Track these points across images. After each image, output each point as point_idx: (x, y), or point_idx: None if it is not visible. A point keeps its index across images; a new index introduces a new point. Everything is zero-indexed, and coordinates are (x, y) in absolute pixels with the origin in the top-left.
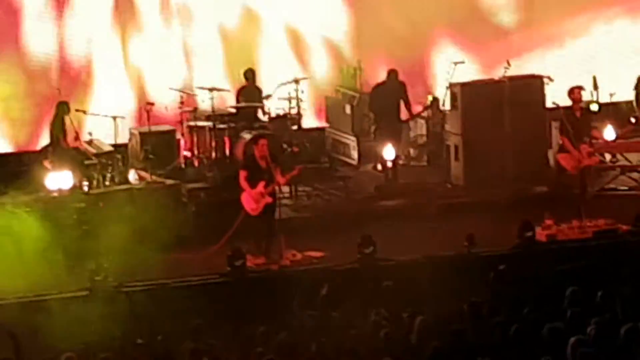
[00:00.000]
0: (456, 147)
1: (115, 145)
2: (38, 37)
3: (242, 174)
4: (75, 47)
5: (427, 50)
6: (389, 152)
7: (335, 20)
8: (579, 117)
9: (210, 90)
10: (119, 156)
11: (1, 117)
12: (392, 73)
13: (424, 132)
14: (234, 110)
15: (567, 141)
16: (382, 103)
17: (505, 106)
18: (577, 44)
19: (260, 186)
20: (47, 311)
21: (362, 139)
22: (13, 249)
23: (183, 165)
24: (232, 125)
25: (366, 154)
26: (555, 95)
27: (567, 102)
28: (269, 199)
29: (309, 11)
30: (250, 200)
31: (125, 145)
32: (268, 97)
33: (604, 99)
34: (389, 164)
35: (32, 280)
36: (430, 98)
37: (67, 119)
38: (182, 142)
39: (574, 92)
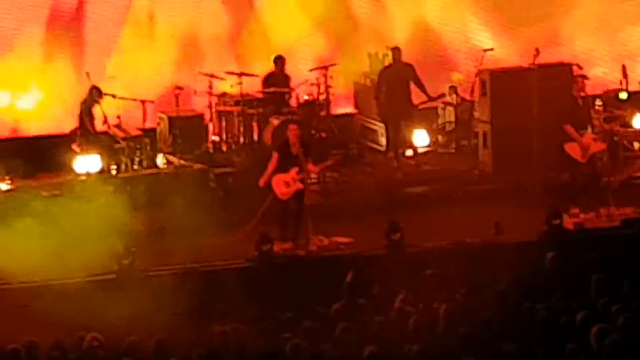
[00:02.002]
0: (485, 135)
1: (143, 130)
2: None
3: (275, 156)
4: (105, 30)
5: (455, 37)
6: (419, 137)
7: (363, 5)
8: (581, 105)
9: (239, 75)
10: (147, 140)
11: (29, 101)
12: (395, 52)
13: (453, 119)
14: (261, 95)
15: (571, 129)
16: (389, 86)
17: (534, 94)
18: (607, 31)
19: (293, 172)
20: (75, 293)
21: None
22: (51, 233)
23: (211, 150)
24: (261, 110)
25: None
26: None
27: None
28: (300, 185)
29: None
30: (282, 184)
31: (153, 130)
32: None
33: (634, 87)
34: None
35: (60, 262)
36: (458, 76)
37: (93, 104)
38: (210, 127)
39: (578, 81)
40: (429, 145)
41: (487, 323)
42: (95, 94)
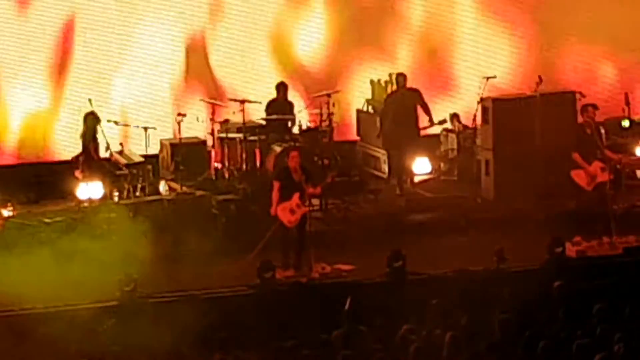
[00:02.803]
0: (487, 162)
1: (146, 156)
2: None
3: (275, 185)
4: (107, 55)
5: (456, 64)
6: (421, 165)
7: (366, 32)
8: (589, 133)
9: (242, 102)
10: (149, 167)
11: (33, 127)
12: (399, 78)
13: (455, 146)
14: (264, 123)
15: (579, 157)
16: (395, 113)
17: (536, 121)
18: (609, 60)
19: (296, 198)
20: (77, 320)
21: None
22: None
23: (213, 177)
24: (263, 137)
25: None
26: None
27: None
28: (304, 209)
29: (340, 24)
30: (287, 212)
31: (156, 156)
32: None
33: (637, 115)
34: (418, 179)
35: (61, 289)
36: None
37: (98, 129)
38: (212, 154)
39: (588, 110)
40: (431, 173)
41: (489, 351)
42: (94, 120)
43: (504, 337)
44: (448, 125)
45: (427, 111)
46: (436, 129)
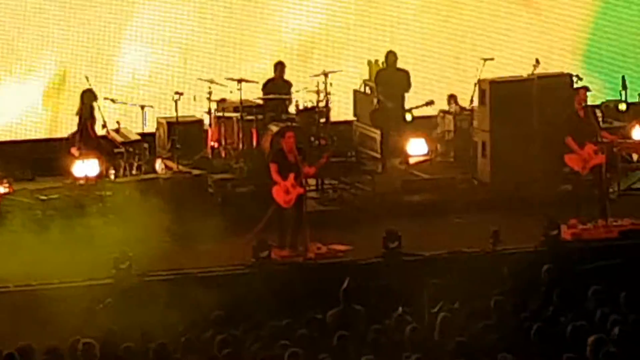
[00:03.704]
0: (483, 144)
1: (142, 134)
2: (70, 24)
3: (273, 167)
4: (104, 35)
5: (454, 46)
6: (415, 146)
7: (363, 12)
8: (582, 117)
9: (239, 81)
10: (146, 145)
11: (28, 103)
12: (389, 55)
13: (452, 128)
14: (261, 102)
15: (571, 141)
16: (383, 90)
17: (533, 104)
18: (607, 42)
19: (291, 178)
20: (70, 298)
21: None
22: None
23: (210, 156)
24: (260, 117)
25: (393, 149)
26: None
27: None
28: (300, 189)
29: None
30: (283, 192)
31: (152, 135)
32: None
33: (633, 98)
34: (414, 160)
35: (56, 267)
36: None
37: (95, 107)
38: (209, 133)
39: (579, 92)
40: (427, 154)
41: (483, 333)
42: (90, 97)
43: (499, 318)
44: (437, 106)
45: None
46: (432, 111)
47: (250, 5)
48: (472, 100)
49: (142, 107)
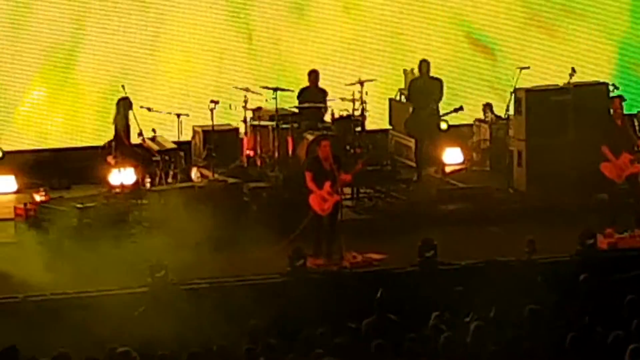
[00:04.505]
0: (519, 153)
1: (178, 143)
2: (105, 33)
3: (308, 176)
4: (140, 43)
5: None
6: (450, 155)
7: (398, 20)
8: (619, 125)
9: (274, 90)
10: (181, 154)
11: (64, 112)
12: (423, 64)
13: (487, 136)
14: (297, 110)
15: (607, 150)
16: (417, 99)
17: (569, 113)
18: None
19: (327, 186)
20: (107, 306)
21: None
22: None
23: (245, 164)
24: (295, 125)
25: (428, 157)
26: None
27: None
28: (336, 197)
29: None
30: (319, 200)
31: (188, 143)
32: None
33: None
34: (449, 169)
35: (92, 274)
36: None
37: (130, 115)
38: (245, 141)
39: (615, 102)
40: (463, 163)
41: (518, 341)
42: (126, 106)
43: (534, 327)
44: (473, 115)
45: (438, 101)
46: (468, 119)
47: (286, 13)
48: (507, 109)
49: (178, 115)
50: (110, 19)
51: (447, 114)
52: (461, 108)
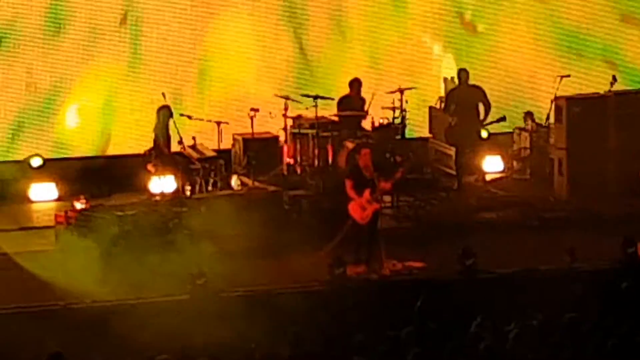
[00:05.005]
0: (560, 161)
1: (218, 151)
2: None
3: (348, 184)
4: (180, 52)
5: (531, 63)
6: (491, 163)
7: (438, 28)
8: None
9: (315, 98)
10: (221, 161)
11: (105, 120)
12: (462, 73)
13: (528, 145)
14: (336, 119)
15: None
16: (457, 108)
17: (610, 121)
18: None
19: (367, 194)
20: (147, 314)
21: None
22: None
23: (285, 172)
24: (336, 133)
25: (468, 166)
26: None
27: None
28: (376, 205)
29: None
30: (359, 208)
31: (228, 151)
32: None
33: None
34: (490, 177)
35: (134, 283)
36: None
37: (170, 123)
38: (285, 149)
39: None
40: (503, 171)
41: (559, 349)
42: (166, 114)
43: (574, 336)
44: (514, 123)
45: (487, 109)
46: (508, 128)
47: (326, 22)
48: (548, 117)
49: (218, 123)
50: (151, 27)
51: (490, 123)
52: (504, 118)
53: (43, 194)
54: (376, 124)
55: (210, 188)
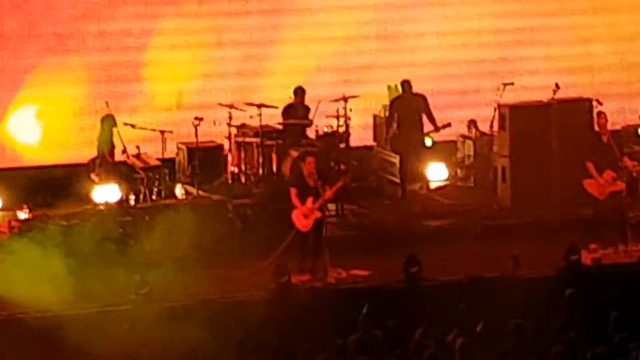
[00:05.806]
0: (503, 169)
1: (162, 160)
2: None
3: (293, 192)
4: (124, 57)
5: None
6: (435, 171)
7: (383, 37)
8: (605, 142)
9: (259, 106)
10: (166, 170)
11: (48, 129)
12: (404, 84)
13: (472, 153)
14: (281, 127)
15: (591, 167)
16: (400, 118)
17: (553, 129)
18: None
19: (309, 202)
20: (92, 324)
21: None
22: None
23: (230, 181)
24: (280, 142)
25: (412, 173)
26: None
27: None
28: (318, 214)
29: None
30: (301, 217)
31: (172, 160)
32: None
33: None
34: (434, 185)
35: (77, 292)
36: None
37: (114, 132)
38: (229, 158)
39: (600, 117)
40: (447, 179)
41: (503, 357)
42: (110, 123)
43: (518, 343)
44: (457, 131)
45: (431, 119)
46: (453, 135)
47: (271, 30)
48: (492, 125)
49: (162, 132)
50: (96, 37)
51: (434, 130)
52: (449, 124)
53: None
54: (320, 133)
55: (154, 197)
